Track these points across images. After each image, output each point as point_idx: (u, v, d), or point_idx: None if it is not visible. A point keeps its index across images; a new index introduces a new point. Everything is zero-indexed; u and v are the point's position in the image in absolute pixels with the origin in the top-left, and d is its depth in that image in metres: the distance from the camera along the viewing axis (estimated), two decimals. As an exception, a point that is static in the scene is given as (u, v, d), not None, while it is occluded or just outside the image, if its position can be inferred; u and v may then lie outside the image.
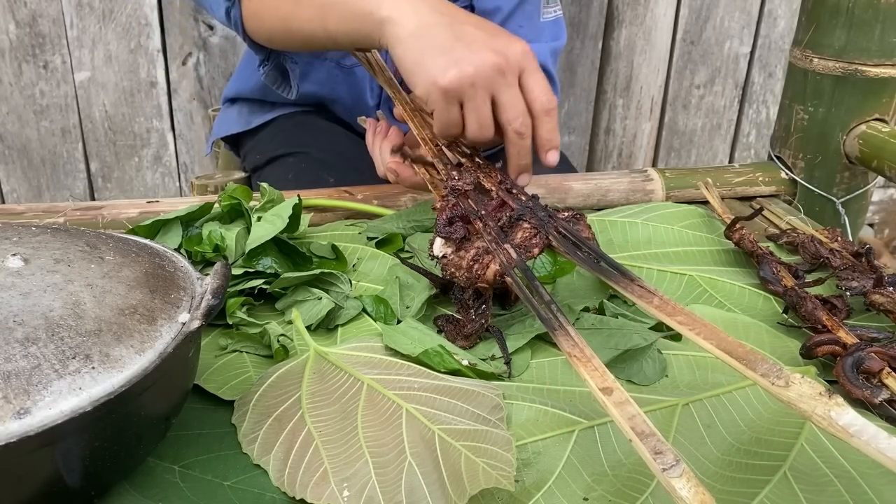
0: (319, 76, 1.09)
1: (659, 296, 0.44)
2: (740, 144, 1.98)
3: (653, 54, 1.83)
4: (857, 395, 0.52)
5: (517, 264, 0.54)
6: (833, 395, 0.36)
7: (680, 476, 0.35)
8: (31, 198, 1.72)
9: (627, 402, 0.39)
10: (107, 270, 0.46)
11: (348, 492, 0.44)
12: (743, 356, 0.40)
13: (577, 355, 0.43)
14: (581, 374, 0.42)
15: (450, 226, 0.59)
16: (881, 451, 0.35)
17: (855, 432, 0.35)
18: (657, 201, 0.90)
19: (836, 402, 0.36)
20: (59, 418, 0.37)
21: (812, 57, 0.90)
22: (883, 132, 0.87)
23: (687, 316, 0.43)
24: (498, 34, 0.65)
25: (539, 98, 0.63)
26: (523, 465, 0.47)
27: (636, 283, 0.46)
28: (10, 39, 1.57)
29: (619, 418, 0.38)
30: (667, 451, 0.36)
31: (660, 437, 0.37)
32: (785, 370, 0.38)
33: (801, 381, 0.37)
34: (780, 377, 0.38)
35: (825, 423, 0.36)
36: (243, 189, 0.73)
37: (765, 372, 0.38)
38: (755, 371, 0.39)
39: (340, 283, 0.66)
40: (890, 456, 0.34)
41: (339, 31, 0.70)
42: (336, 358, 0.56)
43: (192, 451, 0.49)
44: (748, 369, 0.39)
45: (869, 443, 0.35)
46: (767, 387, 0.38)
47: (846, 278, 0.67)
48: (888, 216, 2.11)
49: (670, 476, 0.35)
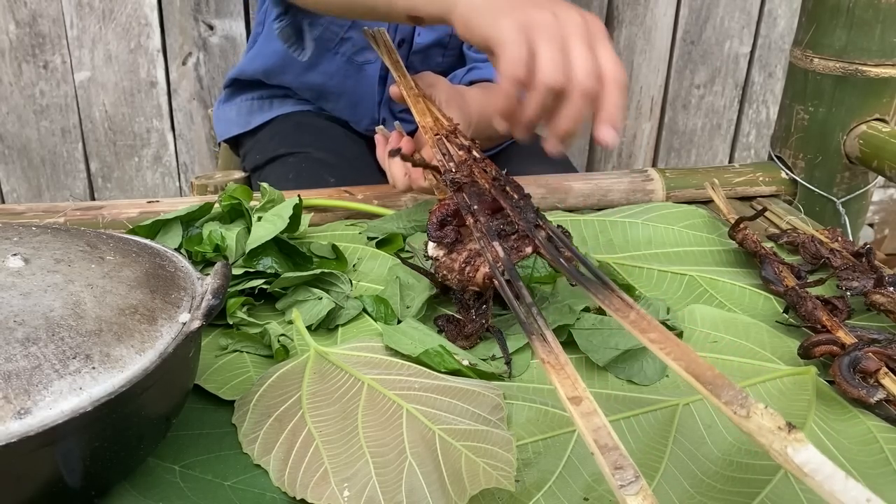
0: (329, 68, 1.09)
1: (636, 310, 0.44)
2: (740, 144, 1.98)
3: (653, 54, 1.83)
4: (853, 395, 0.52)
5: (504, 263, 0.53)
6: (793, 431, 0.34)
7: (636, 494, 0.34)
8: (31, 198, 1.72)
9: (595, 413, 0.38)
10: (107, 270, 0.46)
11: (349, 492, 0.44)
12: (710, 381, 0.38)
13: (552, 362, 0.43)
14: (552, 380, 0.41)
15: (441, 229, 0.59)
16: (834, 493, 0.32)
17: (810, 471, 0.33)
18: (657, 201, 0.90)
19: (795, 437, 0.34)
20: (60, 418, 0.37)
21: (812, 57, 0.90)
22: (883, 132, 0.87)
23: (660, 334, 0.42)
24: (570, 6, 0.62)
25: (613, 68, 0.59)
26: (524, 464, 0.47)
27: (616, 294, 0.46)
28: (10, 39, 1.56)
29: (583, 429, 0.37)
30: (628, 466, 0.35)
31: (622, 452, 0.36)
32: (749, 399, 0.36)
33: (763, 412, 0.35)
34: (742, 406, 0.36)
35: (781, 458, 0.34)
36: (244, 189, 0.73)
37: (729, 400, 0.37)
38: (719, 398, 0.37)
39: (341, 283, 0.66)
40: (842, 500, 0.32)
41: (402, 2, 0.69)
42: (336, 358, 0.56)
43: (192, 451, 0.49)
44: (712, 396, 0.38)
45: (822, 483, 0.32)
46: (730, 416, 0.36)
47: (846, 278, 0.67)
48: (888, 216, 2.11)
49: (626, 493, 0.34)
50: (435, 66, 1.10)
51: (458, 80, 1.01)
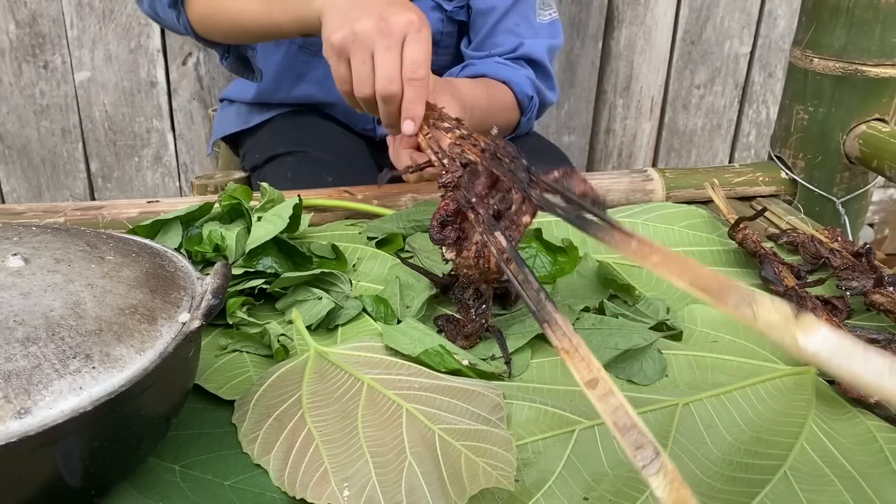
0: (317, 75, 1.09)
1: (636, 238, 0.43)
2: (740, 144, 1.98)
3: (653, 54, 1.83)
4: (853, 395, 0.53)
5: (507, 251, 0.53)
6: (801, 316, 0.32)
7: (657, 473, 0.34)
8: (31, 198, 1.72)
9: (611, 394, 0.38)
10: (107, 270, 0.46)
11: (348, 491, 0.44)
12: (715, 290, 0.37)
13: (565, 347, 0.43)
14: (568, 365, 0.41)
15: (442, 231, 0.59)
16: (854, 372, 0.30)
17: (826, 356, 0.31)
18: (657, 201, 0.90)
19: (804, 323, 0.32)
20: (60, 418, 0.37)
21: (812, 57, 0.90)
22: (883, 132, 0.87)
23: (662, 255, 0.42)
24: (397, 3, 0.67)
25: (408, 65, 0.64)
26: (523, 464, 0.47)
27: (616, 228, 0.45)
28: (10, 39, 1.57)
29: (601, 412, 0.37)
30: (647, 444, 0.35)
31: (641, 430, 0.35)
32: (756, 296, 0.34)
33: (770, 307, 0.33)
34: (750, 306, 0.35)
35: (795, 351, 0.32)
36: (243, 189, 0.73)
37: (736, 303, 0.36)
38: (726, 304, 0.36)
39: (341, 283, 0.66)
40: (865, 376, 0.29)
41: (285, 21, 0.76)
42: (336, 358, 0.56)
43: (192, 450, 0.49)
44: (720, 303, 0.36)
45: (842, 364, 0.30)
46: (740, 320, 0.35)
47: (846, 278, 0.67)
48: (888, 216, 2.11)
49: (648, 473, 0.34)
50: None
51: (454, 77, 1.01)
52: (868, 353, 0.30)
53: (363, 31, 0.65)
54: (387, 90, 0.65)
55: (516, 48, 1.03)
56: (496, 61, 1.02)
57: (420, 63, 0.64)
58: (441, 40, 1.08)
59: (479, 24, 1.05)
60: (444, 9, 1.04)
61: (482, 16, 1.04)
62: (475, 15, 1.05)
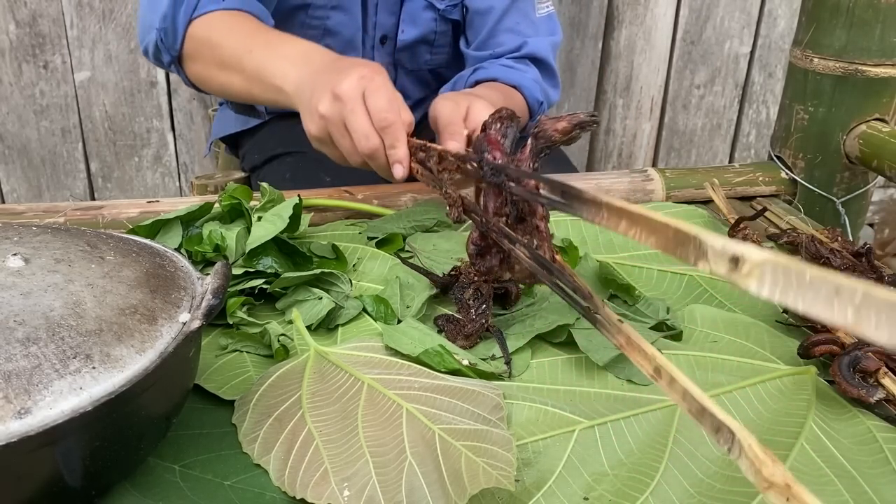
0: None
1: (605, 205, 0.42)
2: (740, 144, 1.98)
3: (653, 54, 1.83)
4: (853, 395, 0.52)
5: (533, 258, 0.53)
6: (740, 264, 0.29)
7: (739, 457, 0.33)
8: (31, 198, 1.72)
9: (675, 381, 0.37)
10: (107, 270, 0.46)
11: (349, 491, 0.44)
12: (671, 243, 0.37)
13: (623, 343, 0.43)
14: (633, 360, 0.41)
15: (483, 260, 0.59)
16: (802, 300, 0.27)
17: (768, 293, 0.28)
18: (657, 201, 0.90)
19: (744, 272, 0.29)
20: (60, 418, 0.37)
21: (812, 57, 0.90)
22: (883, 132, 0.87)
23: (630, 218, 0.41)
24: (343, 68, 0.70)
25: (374, 116, 0.67)
26: (524, 464, 0.47)
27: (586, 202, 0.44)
28: (10, 39, 1.57)
29: (673, 399, 0.37)
30: (722, 427, 0.34)
31: (713, 412, 0.34)
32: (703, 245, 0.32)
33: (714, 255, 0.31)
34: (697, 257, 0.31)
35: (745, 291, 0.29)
36: (244, 189, 0.73)
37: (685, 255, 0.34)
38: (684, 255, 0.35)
39: (341, 283, 0.66)
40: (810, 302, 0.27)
41: (265, 99, 0.81)
42: (336, 358, 0.56)
43: (192, 450, 0.49)
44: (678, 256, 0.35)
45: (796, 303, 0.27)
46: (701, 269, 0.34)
47: (846, 278, 0.67)
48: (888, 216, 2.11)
49: (732, 457, 0.33)
50: (424, 63, 1.10)
51: (465, 80, 1.01)
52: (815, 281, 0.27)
53: (326, 112, 0.68)
54: (368, 148, 0.67)
55: (520, 47, 1.03)
56: (503, 64, 1.02)
57: (384, 109, 0.66)
58: (436, 39, 1.08)
59: (477, 23, 1.05)
60: (437, 8, 1.04)
61: (480, 15, 1.04)
62: (472, 14, 1.05)
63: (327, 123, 0.68)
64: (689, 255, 0.34)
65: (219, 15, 0.84)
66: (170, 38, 0.86)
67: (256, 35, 0.80)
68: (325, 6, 1.00)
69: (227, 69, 0.82)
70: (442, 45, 1.09)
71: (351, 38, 1.04)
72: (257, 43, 0.79)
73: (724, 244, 0.30)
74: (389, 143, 0.66)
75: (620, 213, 0.41)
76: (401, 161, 0.66)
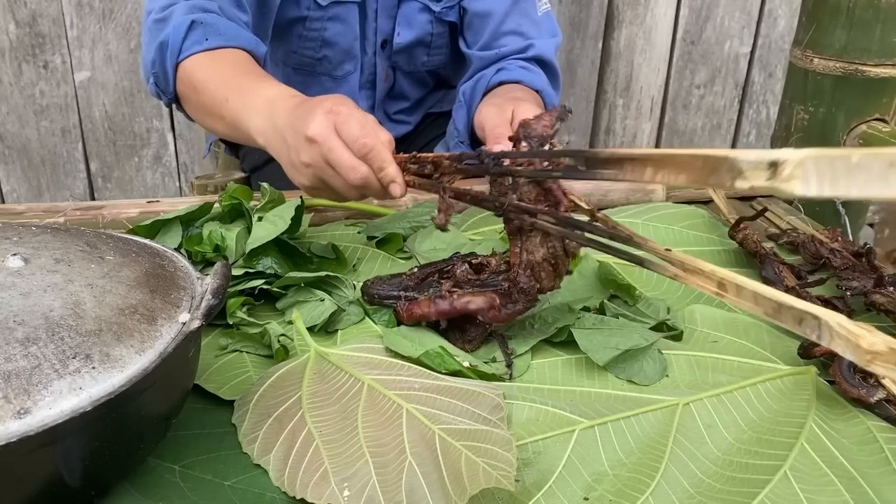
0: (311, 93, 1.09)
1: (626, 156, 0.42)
2: (740, 144, 1.98)
3: (653, 54, 1.83)
4: (853, 395, 0.52)
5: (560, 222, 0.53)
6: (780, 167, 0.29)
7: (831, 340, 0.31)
8: (31, 198, 1.72)
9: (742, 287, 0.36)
10: (107, 270, 0.46)
11: (348, 491, 0.44)
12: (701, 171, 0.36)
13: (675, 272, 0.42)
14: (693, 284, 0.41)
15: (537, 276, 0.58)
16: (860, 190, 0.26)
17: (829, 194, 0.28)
18: (658, 201, 0.90)
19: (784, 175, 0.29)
20: (60, 418, 0.37)
21: (812, 57, 0.90)
22: (883, 132, 0.87)
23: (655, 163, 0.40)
24: (305, 112, 0.68)
25: (353, 146, 0.65)
26: (524, 464, 0.47)
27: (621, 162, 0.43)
28: (10, 39, 1.56)
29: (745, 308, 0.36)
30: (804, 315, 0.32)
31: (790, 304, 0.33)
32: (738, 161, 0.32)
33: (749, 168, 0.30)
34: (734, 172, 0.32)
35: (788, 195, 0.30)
36: (244, 189, 0.73)
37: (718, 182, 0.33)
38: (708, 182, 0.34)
39: (344, 286, 0.65)
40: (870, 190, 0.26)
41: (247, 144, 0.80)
42: (337, 358, 0.56)
43: (192, 450, 0.49)
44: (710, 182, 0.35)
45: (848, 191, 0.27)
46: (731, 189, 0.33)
47: (847, 278, 0.67)
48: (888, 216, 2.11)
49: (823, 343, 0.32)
50: (421, 65, 1.10)
51: (488, 80, 1.01)
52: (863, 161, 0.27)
53: (307, 159, 0.67)
54: (358, 179, 0.65)
55: (526, 49, 1.03)
56: (522, 66, 1.02)
57: (360, 136, 0.65)
58: (432, 41, 1.08)
59: (477, 25, 1.04)
60: (432, 10, 1.04)
61: (480, 18, 1.04)
62: (471, 16, 1.05)
63: (313, 170, 0.67)
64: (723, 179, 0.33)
65: (201, 58, 0.84)
66: (162, 82, 0.87)
67: (232, 81, 0.80)
68: (321, 18, 1.00)
69: (210, 116, 0.83)
70: (439, 46, 1.09)
71: (349, 48, 1.04)
72: (232, 91, 0.78)
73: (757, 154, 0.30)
74: (377, 167, 0.65)
75: (645, 161, 0.40)
76: (394, 179, 0.65)
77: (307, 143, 0.66)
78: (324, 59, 1.04)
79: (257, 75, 0.81)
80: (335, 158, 0.65)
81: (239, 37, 0.86)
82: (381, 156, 0.65)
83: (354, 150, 0.65)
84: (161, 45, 0.85)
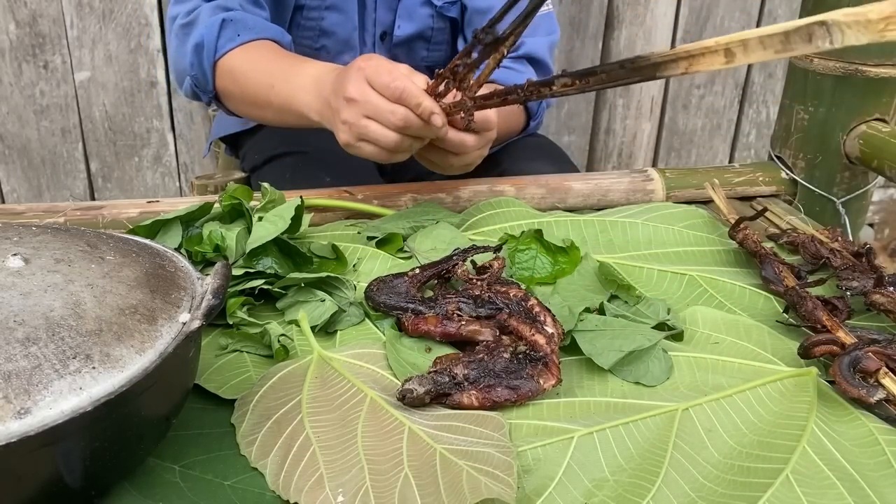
0: None
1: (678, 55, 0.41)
2: (740, 144, 1.98)
3: (653, 54, 1.82)
4: (853, 395, 0.52)
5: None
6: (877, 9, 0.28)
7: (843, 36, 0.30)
8: (31, 198, 1.72)
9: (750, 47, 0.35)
10: (107, 270, 0.46)
11: (342, 497, 0.44)
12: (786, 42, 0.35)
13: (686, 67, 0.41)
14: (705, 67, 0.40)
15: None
16: None
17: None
18: (657, 201, 0.90)
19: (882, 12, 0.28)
20: (60, 418, 0.37)
21: (812, 57, 0.90)
22: (883, 132, 0.87)
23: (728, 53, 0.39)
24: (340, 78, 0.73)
25: (386, 92, 0.69)
26: (523, 471, 0.47)
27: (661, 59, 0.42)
28: (10, 39, 1.56)
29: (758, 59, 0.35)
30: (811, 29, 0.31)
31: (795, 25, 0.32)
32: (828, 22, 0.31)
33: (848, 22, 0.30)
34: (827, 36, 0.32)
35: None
36: (244, 189, 0.73)
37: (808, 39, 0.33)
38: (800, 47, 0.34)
39: (345, 287, 0.65)
40: None
41: (300, 125, 0.85)
42: (340, 365, 0.56)
43: (192, 450, 0.49)
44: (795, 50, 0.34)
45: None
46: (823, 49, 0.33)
47: (847, 278, 0.67)
48: (888, 216, 2.11)
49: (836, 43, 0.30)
50: (420, 60, 1.10)
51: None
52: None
53: (348, 117, 0.71)
54: (399, 120, 0.68)
55: (518, 47, 1.03)
56: (504, 66, 1.02)
57: (390, 82, 0.68)
58: (433, 36, 1.08)
59: (476, 22, 1.04)
60: (434, 4, 1.04)
61: (480, 15, 1.04)
62: (472, 13, 1.05)
63: (353, 127, 0.70)
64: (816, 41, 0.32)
65: (238, 53, 0.88)
66: (202, 82, 0.91)
67: (273, 68, 0.84)
68: (319, 7, 1.00)
69: (256, 105, 0.87)
70: (439, 42, 1.09)
71: (347, 38, 1.04)
72: (276, 77, 0.83)
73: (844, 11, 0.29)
74: (414, 105, 0.68)
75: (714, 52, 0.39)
76: (433, 111, 0.68)
77: (347, 104, 0.70)
78: (322, 49, 1.04)
79: (295, 58, 0.86)
80: (372, 109, 0.69)
81: (267, 29, 0.90)
82: (414, 93, 0.68)
83: (388, 96, 0.68)
84: (196, 46, 0.88)
